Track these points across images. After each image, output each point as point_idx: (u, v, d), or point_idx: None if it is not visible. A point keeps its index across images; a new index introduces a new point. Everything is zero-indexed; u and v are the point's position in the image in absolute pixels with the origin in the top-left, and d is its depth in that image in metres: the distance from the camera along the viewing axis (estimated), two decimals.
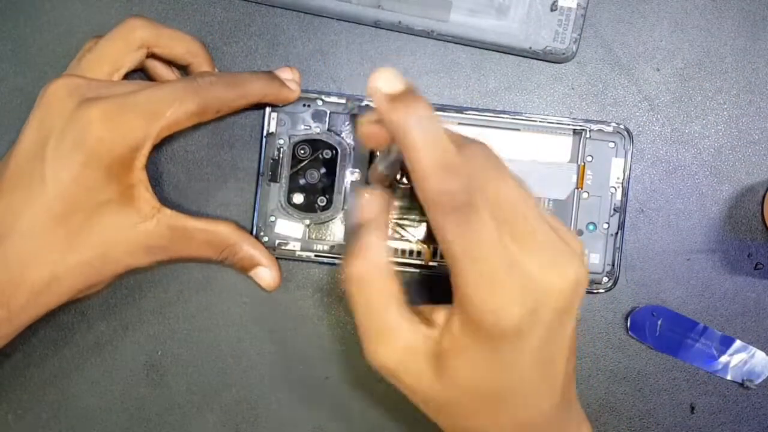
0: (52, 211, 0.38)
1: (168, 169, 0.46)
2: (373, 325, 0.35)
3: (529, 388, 0.35)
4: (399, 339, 0.35)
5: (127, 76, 0.42)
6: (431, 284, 0.46)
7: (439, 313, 0.36)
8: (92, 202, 0.38)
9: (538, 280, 0.33)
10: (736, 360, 0.46)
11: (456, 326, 0.34)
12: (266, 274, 0.44)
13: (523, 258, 0.33)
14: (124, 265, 0.40)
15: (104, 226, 0.39)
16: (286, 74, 0.43)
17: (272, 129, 0.45)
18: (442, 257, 0.45)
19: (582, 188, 0.45)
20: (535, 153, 0.45)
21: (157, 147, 0.45)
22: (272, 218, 0.45)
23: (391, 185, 0.38)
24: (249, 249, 0.43)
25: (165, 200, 0.45)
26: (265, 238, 0.45)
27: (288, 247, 0.45)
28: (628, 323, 0.46)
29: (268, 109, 0.44)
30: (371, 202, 0.36)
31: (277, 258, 0.45)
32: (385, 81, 0.32)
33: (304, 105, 0.45)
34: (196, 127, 0.42)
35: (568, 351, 0.35)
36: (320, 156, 0.44)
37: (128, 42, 0.41)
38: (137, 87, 0.39)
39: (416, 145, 0.31)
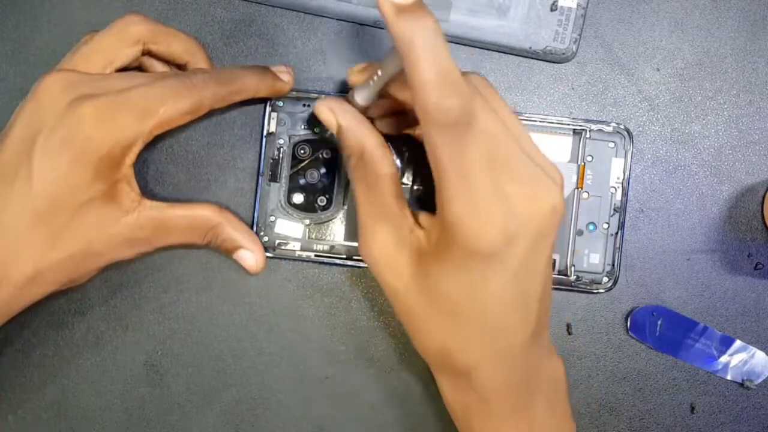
0: (36, 209, 0.38)
1: (168, 169, 0.46)
2: (370, 210, 0.36)
3: (500, 315, 0.35)
4: (389, 228, 0.36)
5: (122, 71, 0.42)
6: None
7: (427, 218, 0.37)
8: (77, 201, 0.38)
9: (519, 208, 0.34)
10: (736, 360, 0.46)
11: (435, 235, 0.35)
12: (248, 257, 0.43)
13: (506, 186, 0.34)
14: (107, 259, 0.40)
15: (87, 222, 0.39)
16: (279, 68, 0.44)
17: (272, 129, 0.45)
18: None
19: (582, 188, 0.45)
20: None
21: (156, 146, 0.45)
22: (272, 218, 0.45)
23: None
24: (231, 231, 0.43)
25: (164, 201, 0.45)
26: (265, 238, 0.45)
27: (288, 247, 0.45)
28: (628, 323, 0.46)
29: (268, 109, 0.44)
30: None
31: (277, 258, 0.45)
32: None
33: (304, 105, 0.45)
34: (189, 124, 0.42)
35: (543, 282, 0.36)
36: (320, 156, 0.44)
37: (124, 36, 0.41)
38: (130, 82, 0.39)
39: (421, 57, 0.31)
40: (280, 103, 0.45)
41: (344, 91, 0.46)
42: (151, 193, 0.46)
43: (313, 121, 0.44)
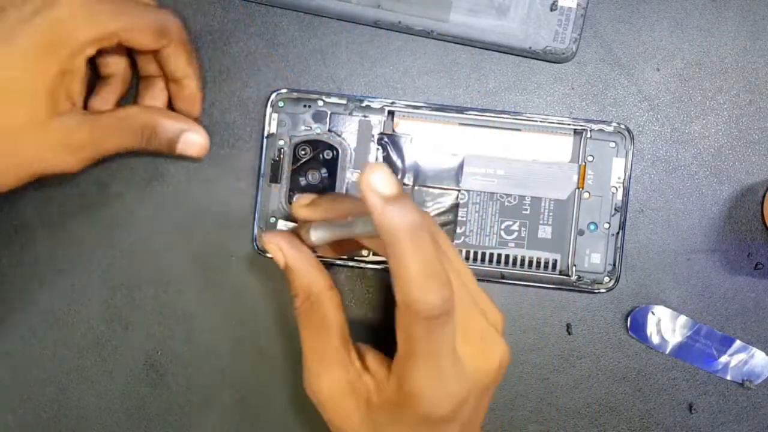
0: None
1: (168, 169, 0.46)
2: (316, 352, 0.36)
3: None
4: (336, 372, 0.36)
5: None
6: None
7: (375, 361, 0.37)
8: (22, 83, 0.37)
9: (469, 369, 0.34)
10: (736, 360, 0.46)
11: (389, 391, 0.35)
12: (195, 139, 0.42)
13: (460, 348, 0.34)
14: (39, 162, 0.38)
15: (21, 110, 0.37)
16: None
17: (273, 130, 0.45)
18: None
19: (583, 188, 0.45)
20: (535, 153, 0.45)
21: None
22: (273, 219, 0.45)
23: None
24: (166, 120, 0.42)
25: (164, 201, 0.45)
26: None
27: None
28: (628, 323, 0.46)
29: (268, 110, 0.44)
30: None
31: None
32: (382, 180, 0.30)
33: (304, 106, 0.45)
34: None
35: (481, 418, 0.37)
36: (321, 156, 0.44)
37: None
38: None
39: (406, 253, 0.31)
40: (281, 104, 0.45)
41: (342, 94, 0.46)
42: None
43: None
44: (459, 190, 0.45)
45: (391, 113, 0.45)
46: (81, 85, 0.40)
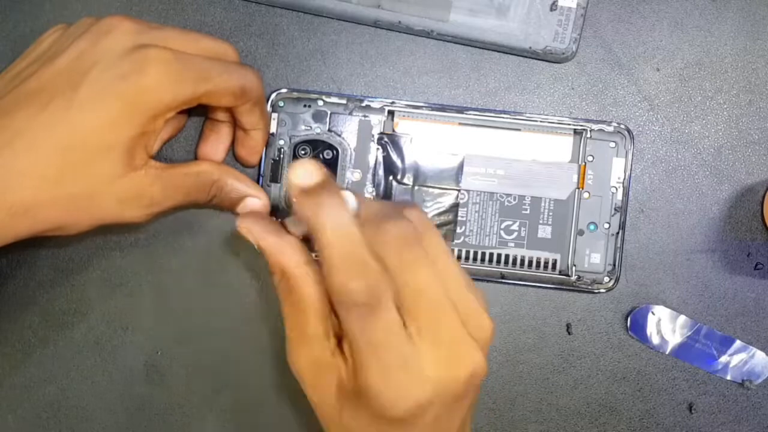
0: (60, 140, 0.37)
1: None
2: (293, 327, 0.36)
3: None
4: (313, 349, 0.36)
5: None
6: None
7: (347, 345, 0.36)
8: (103, 142, 0.37)
9: (433, 374, 0.33)
10: (736, 360, 0.46)
11: (352, 382, 0.34)
12: (256, 203, 0.43)
13: (422, 351, 0.33)
14: (111, 214, 0.39)
15: (99, 167, 0.38)
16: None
17: (273, 129, 0.45)
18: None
19: (583, 188, 0.45)
20: (535, 153, 0.45)
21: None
22: (273, 219, 0.45)
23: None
24: (234, 182, 0.43)
25: None
26: None
27: None
28: (628, 323, 0.46)
29: (269, 110, 0.44)
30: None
31: None
32: (300, 174, 0.33)
33: (304, 105, 0.45)
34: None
35: (459, 427, 0.36)
36: (321, 156, 0.45)
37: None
38: (191, 49, 0.40)
39: (325, 242, 0.32)
40: (281, 104, 0.45)
41: (342, 94, 0.46)
42: None
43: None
44: (459, 190, 0.45)
45: (391, 113, 0.45)
46: (158, 140, 0.41)
